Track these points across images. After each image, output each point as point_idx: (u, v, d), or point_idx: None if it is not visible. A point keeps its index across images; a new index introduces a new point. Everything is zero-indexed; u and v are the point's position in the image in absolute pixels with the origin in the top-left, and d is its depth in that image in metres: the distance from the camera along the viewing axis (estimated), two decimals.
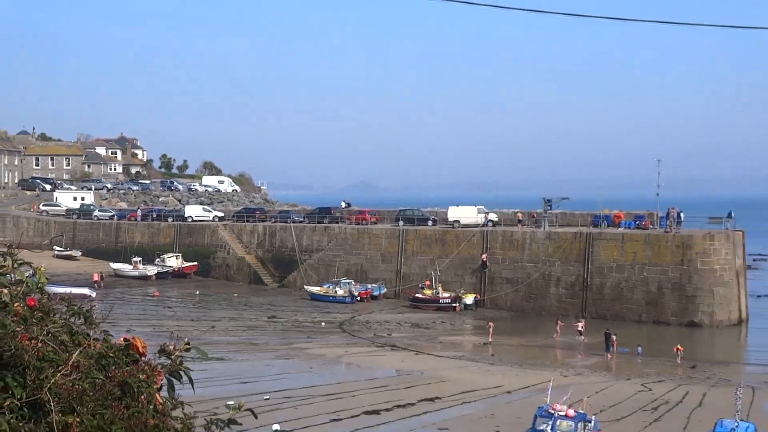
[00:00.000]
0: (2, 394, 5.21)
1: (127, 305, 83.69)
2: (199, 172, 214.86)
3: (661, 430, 46.77)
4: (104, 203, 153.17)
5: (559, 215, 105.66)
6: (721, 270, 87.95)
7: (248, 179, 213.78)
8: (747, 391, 57.09)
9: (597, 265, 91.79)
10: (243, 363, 61.93)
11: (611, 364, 69.58)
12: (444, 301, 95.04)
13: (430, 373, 63.24)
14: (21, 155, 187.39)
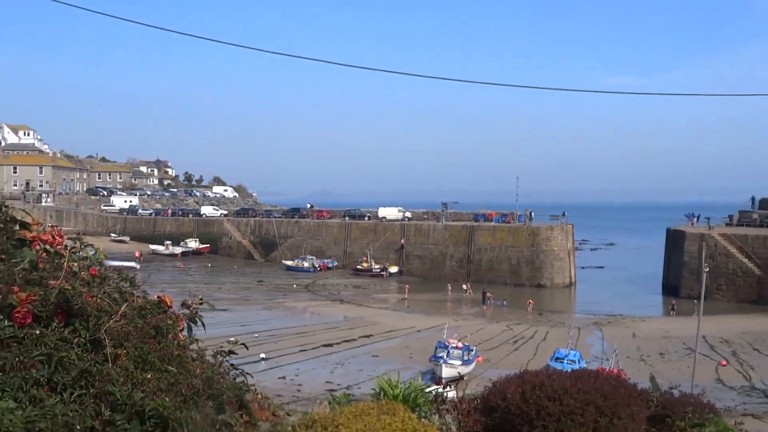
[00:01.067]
0: (73, 334, 5.26)
1: (160, 274, 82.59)
2: (210, 183, 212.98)
3: (519, 356, 47.18)
4: (145, 204, 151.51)
5: (452, 213, 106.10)
6: (558, 250, 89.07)
7: (244, 188, 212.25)
8: (575, 330, 57.98)
9: (476, 246, 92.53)
10: (240, 312, 61.58)
11: (486, 313, 69.98)
12: (375, 271, 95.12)
13: (366, 318, 63.22)
14: (88, 172, 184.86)
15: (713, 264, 68.18)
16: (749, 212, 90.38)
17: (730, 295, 74.06)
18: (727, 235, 78.39)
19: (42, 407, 4.54)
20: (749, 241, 76.08)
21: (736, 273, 75.33)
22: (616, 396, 11.99)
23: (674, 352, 50.23)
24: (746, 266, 74.90)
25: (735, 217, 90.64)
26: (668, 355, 49.33)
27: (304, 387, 38.46)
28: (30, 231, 6.49)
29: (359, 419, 10.82)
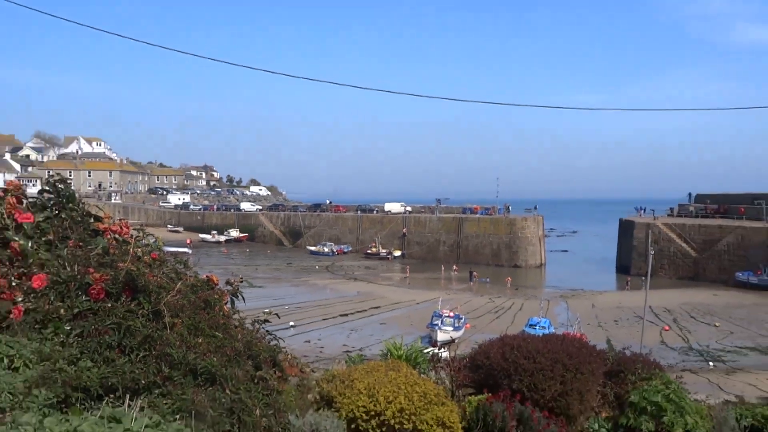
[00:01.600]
0: (138, 307, 5.27)
1: (208, 258, 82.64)
2: (248, 184, 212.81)
3: (499, 323, 47.16)
4: (195, 201, 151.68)
5: (444, 207, 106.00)
6: (530, 237, 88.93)
7: (275, 188, 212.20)
8: (545, 302, 57.95)
9: (464, 234, 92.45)
10: (272, 289, 61.63)
11: (472, 288, 69.96)
12: (382, 254, 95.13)
13: (375, 293, 63.27)
14: (148, 175, 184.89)
15: (657, 248, 68.05)
16: (687, 205, 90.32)
17: (671, 273, 73.95)
18: (668, 224, 78.42)
19: (114, 366, 4.55)
20: (687, 229, 76.14)
21: (677, 255, 75.26)
22: (579, 355, 11.99)
23: (626, 319, 50.18)
24: (684, 249, 74.82)
25: (675, 209, 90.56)
26: (621, 322, 49.29)
27: (325, 349, 38.55)
28: (102, 223, 6.50)
29: (370, 374, 10.84)
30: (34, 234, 5.85)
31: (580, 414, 11.86)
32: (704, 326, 48.70)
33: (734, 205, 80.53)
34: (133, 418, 2.40)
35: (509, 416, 10.97)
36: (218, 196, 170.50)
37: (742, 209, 77.61)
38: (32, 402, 3.87)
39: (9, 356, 4.43)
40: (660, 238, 75.06)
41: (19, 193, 6.21)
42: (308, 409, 10.08)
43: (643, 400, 11.66)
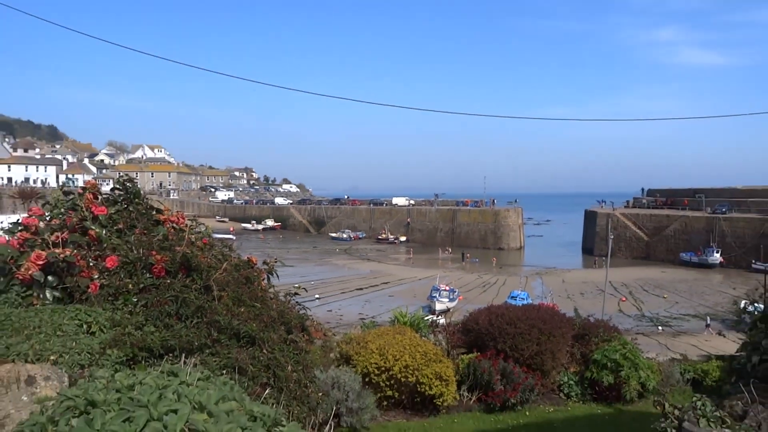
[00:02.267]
0: (192, 283, 5.27)
1: (248, 243, 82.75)
2: (281, 182, 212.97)
3: (486, 295, 46.94)
4: (238, 197, 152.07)
5: (441, 201, 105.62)
6: (512, 224, 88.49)
7: (303, 185, 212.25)
8: (524, 278, 57.78)
9: (458, 223, 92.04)
10: (301, 268, 61.60)
11: (464, 267, 69.81)
12: (391, 240, 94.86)
13: (385, 271, 63.23)
14: (200, 176, 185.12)
15: (616, 233, 67.68)
16: (640, 198, 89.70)
17: (627, 254, 73.51)
18: (625, 214, 77.96)
19: (172, 331, 4.56)
20: (640, 218, 75.75)
21: (632, 239, 74.82)
22: (552, 321, 11.96)
23: (590, 292, 49.92)
24: (638, 234, 74.40)
25: (631, 202, 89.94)
26: (586, 294, 49.04)
27: (344, 317, 38.57)
28: (162, 214, 6.51)
29: (381, 337, 10.85)
30: (108, 223, 5.87)
31: (552, 369, 11.84)
32: (654, 297, 48.42)
33: (679, 198, 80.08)
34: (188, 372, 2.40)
35: (495, 371, 10.97)
36: (257, 192, 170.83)
37: (685, 201, 77.26)
38: (106, 360, 3.88)
39: (87, 322, 4.45)
40: (618, 225, 74.65)
41: (95, 191, 6.23)
42: (330, 366, 10.11)
43: (604, 358, 11.63)
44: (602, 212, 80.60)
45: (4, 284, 5.20)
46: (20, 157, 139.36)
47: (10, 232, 5.78)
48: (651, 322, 39.32)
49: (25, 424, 1.99)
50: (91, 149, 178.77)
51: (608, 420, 10.74)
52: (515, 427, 10.13)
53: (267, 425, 1.87)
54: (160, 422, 1.69)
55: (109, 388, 2.05)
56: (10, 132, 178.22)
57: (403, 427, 9.79)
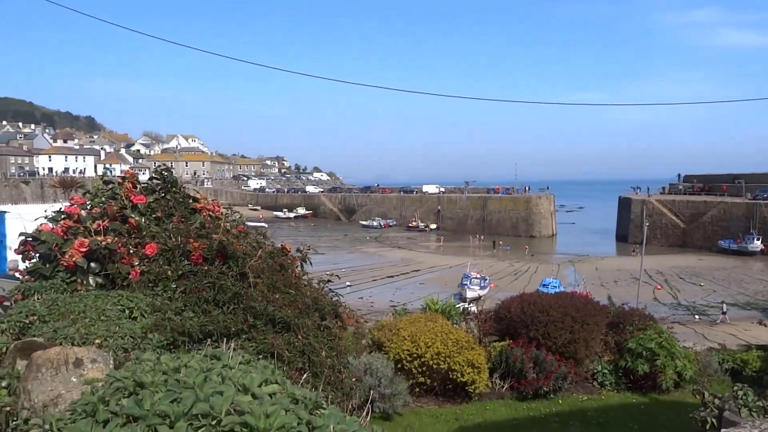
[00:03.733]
0: (228, 269, 5.36)
1: (281, 231, 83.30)
2: (312, 170, 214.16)
3: (518, 283, 46.53)
4: (270, 185, 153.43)
5: (472, 188, 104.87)
6: (544, 212, 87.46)
7: (333, 173, 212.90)
8: (556, 266, 57.14)
9: (488, 210, 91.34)
10: (332, 255, 61.91)
11: (495, 255, 69.33)
12: (421, 227, 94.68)
13: (416, 259, 63.24)
14: (233, 165, 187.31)
15: (651, 220, 66.29)
16: (676, 184, 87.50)
17: (663, 242, 71.97)
18: (661, 200, 76.24)
19: (210, 316, 4.66)
20: (676, 204, 74.04)
21: (667, 226, 73.21)
22: (585, 309, 11.83)
23: (624, 280, 49.09)
24: (674, 221, 72.76)
25: (667, 188, 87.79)
26: (620, 282, 48.25)
27: (375, 304, 38.74)
28: (199, 203, 6.62)
29: (412, 324, 10.89)
30: (146, 212, 6.01)
31: (586, 358, 11.72)
32: (691, 286, 47.37)
33: (717, 184, 77.85)
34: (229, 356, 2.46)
35: (527, 359, 10.91)
36: (288, 181, 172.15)
37: (724, 187, 75.09)
38: (148, 344, 3.99)
39: (129, 308, 4.58)
40: (653, 212, 73.04)
41: (134, 180, 6.38)
42: (363, 352, 10.20)
43: (639, 347, 11.46)
44: (637, 199, 78.95)
45: (50, 270, 5.38)
46: (60, 148, 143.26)
47: (54, 220, 5.96)
48: (687, 310, 38.53)
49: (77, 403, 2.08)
50: (127, 139, 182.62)
51: (643, 409, 10.60)
52: (548, 415, 10.08)
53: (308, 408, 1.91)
54: (206, 403, 1.74)
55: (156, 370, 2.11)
56: (50, 123, 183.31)
57: (436, 414, 9.83)
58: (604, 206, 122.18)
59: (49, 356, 2.83)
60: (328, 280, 7.27)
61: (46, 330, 3.97)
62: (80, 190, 7.31)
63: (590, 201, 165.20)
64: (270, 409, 1.68)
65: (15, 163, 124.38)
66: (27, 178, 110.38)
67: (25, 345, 3.55)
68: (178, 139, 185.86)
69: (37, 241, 5.54)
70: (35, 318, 4.28)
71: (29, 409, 2.73)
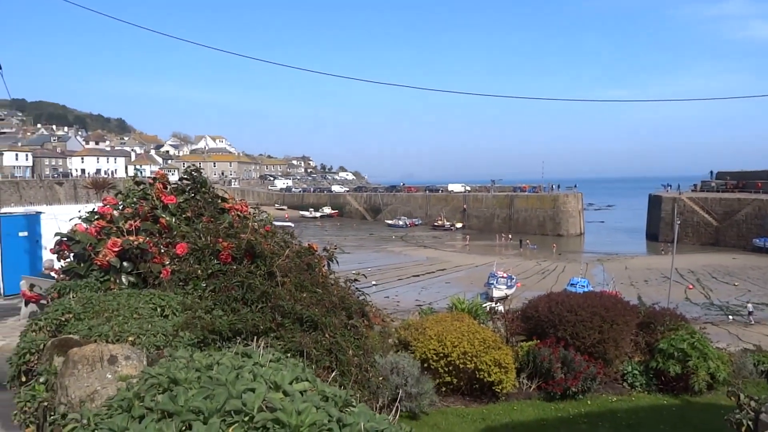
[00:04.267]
0: (256, 269, 5.43)
1: (307, 230, 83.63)
2: (337, 170, 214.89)
3: (545, 282, 46.06)
4: (296, 185, 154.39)
5: (498, 187, 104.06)
6: (572, 210, 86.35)
7: (359, 173, 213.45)
8: (584, 265, 56.42)
9: (515, 209, 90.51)
10: (359, 255, 61.92)
11: (523, 254, 68.70)
12: (447, 226, 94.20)
13: (441, 258, 63.02)
14: (259, 165, 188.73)
15: (682, 218, 64.90)
16: (709, 182, 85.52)
17: (694, 240, 70.47)
18: (692, 198, 74.67)
19: (239, 315, 4.72)
20: (708, 202, 72.41)
21: (699, 224, 71.65)
22: (615, 309, 11.66)
23: (655, 279, 48.20)
24: (706, 219, 71.17)
25: (698, 185, 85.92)
26: (650, 282, 47.38)
27: (401, 303, 38.73)
28: (228, 203, 6.72)
29: (439, 323, 10.87)
30: (177, 212, 6.12)
31: (615, 358, 11.55)
32: (724, 285, 46.26)
33: (752, 181, 75.79)
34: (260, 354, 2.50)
35: (555, 359, 10.80)
36: (314, 181, 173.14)
37: (759, 184, 73.02)
38: (179, 342, 4.07)
39: (161, 306, 4.67)
40: (685, 210, 71.53)
41: (164, 181, 6.50)
42: (389, 351, 10.22)
43: (670, 347, 11.25)
44: (668, 197, 77.41)
45: (85, 269, 5.52)
46: (92, 150, 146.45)
47: (88, 220, 6.11)
48: (720, 310, 37.65)
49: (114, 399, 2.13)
50: (156, 141, 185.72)
51: (675, 411, 10.41)
52: (577, 416, 9.96)
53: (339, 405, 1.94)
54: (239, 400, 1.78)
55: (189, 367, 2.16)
56: (83, 126, 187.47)
57: (462, 413, 9.80)
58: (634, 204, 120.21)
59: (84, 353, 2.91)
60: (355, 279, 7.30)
61: (81, 327, 4.07)
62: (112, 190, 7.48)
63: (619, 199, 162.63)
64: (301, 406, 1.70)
65: (49, 164, 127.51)
66: (61, 179, 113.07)
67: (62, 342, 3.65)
68: (206, 139, 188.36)
69: (71, 240, 5.69)
70: (71, 316, 4.40)
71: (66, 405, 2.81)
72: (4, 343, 9.56)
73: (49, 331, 4.33)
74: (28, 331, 4.38)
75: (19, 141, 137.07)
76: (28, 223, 15.46)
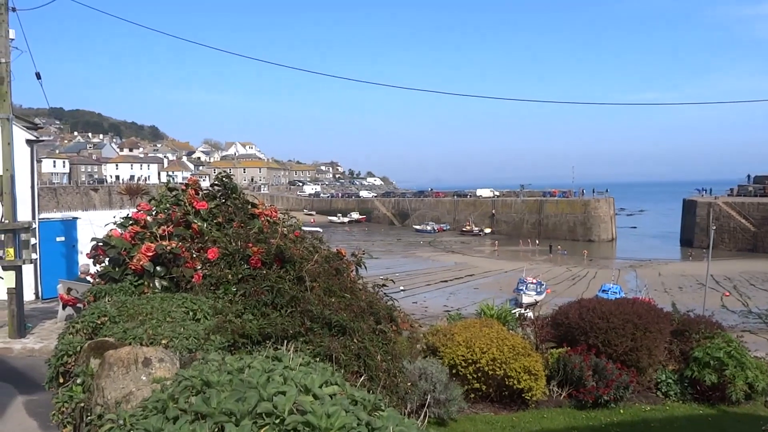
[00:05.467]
0: (286, 273, 5.49)
1: (335, 235, 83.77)
2: (365, 175, 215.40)
3: (576, 288, 45.34)
4: (324, 190, 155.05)
5: (527, 192, 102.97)
6: (603, 215, 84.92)
7: (387, 178, 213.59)
8: (616, 271, 55.43)
9: (545, 214, 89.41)
10: (386, 260, 61.91)
11: (553, 260, 67.78)
12: (475, 231, 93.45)
13: (470, 263, 62.54)
14: (288, 170, 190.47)
15: (718, 224, 63.42)
16: (746, 186, 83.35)
17: (731, 246, 68.63)
18: (728, 203, 72.78)
19: (268, 319, 4.78)
20: (746, 207, 70.46)
21: (736, 230, 69.77)
22: (648, 316, 11.43)
23: (689, 286, 47.06)
24: (744, 225, 69.27)
25: (735, 190, 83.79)
26: (685, 288, 46.27)
27: (429, 308, 38.54)
28: (258, 208, 6.80)
29: (467, 330, 10.80)
30: (208, 217, 6.23)
31: (649, 366, 11.31)
32: (763, 292, 44.87)
33: None
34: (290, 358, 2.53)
35: (586, 366, 10.63)
36: (342, 186, 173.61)
37: None
38: (210, 345, 4.14)
39: (193, 310, 4.76)
40: (720, 215, 69.79)
41: (196, 187, 6.62)
42: (417, 356, 10.19)
43: (706, 356, 10.97)
44: (702, 201, 75.64)
45: (119, 274, 5.66)
46: (126, 156, 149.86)
47: (123, 226, 6.26)
48: (759, 318, 36.55)
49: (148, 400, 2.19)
50: (188, 147, 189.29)
51: (711, 421, 10.14)
52: (609, 425, 9.78)
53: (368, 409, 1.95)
54: (270, 403, 1.81)
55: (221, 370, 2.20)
56: (117, 133, 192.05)
57: (491, 420, 9.71)
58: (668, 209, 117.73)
59: (120, 355, 2.98)
60: (383, 285, 7.33)
61: (116, 330, 4.18)
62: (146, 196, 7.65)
63: (652, 204, 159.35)
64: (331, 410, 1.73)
65: (85, 171, 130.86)
66: (96, 185, 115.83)
67: (98, 344, 3.75)
68: (236, 146, 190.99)
69: (107, 245, 5.84)
70: (106, 319, 4.52)
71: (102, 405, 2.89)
72: (42, 345, 9.84)
73: (86, 334, 4.44)
74: (66, 334, 4.51)
75: (57, 149, 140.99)
76: (65, 229, 15.90)
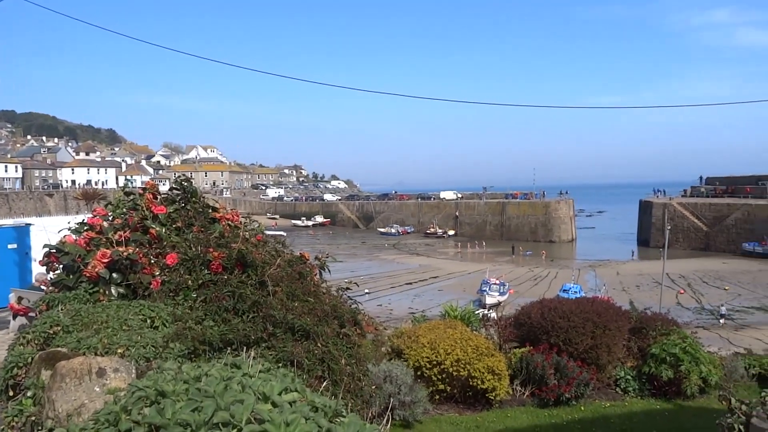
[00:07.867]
0: (247, 278, 5.40)
1: (299, 239, 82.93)
2: (329, 178, 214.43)
3: (538, 288, 46.06)
4: (288, 194, 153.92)
5: (490, 194, 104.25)
6: (563, 216, 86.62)
7: (351, 181, 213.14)
8: (576, 271, 56.56)
9: (507, 215, 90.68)
10: (351, 263, 61.77)
11: (515, 261, 68.74)
12: (439, 234, 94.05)
13: (434, 265, 62.92)
14: (251, 174, 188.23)
15: (673, 224, 65.33)
16: (698, 187, 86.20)
17: (685, 245, 70.88)
18: (682, 203, 75.18)
19: (230, 325, 4.69)
20: (698, 207, 72.88)
21: (690, 229, 72.09)
22: (607, 314, 11.67)
23: (646, 284, 48.41)
24: (697, 224, 71.62)
25: (688, 191, 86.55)
26: (642, 287, 47.57)
27: (394, 311, 38.61)
28: (218, 212, 6.68)
29: (432, 331, 10.84)
30: (167, 222, 6.08)
31: (608, 363, 11.55)
32: (715, 289, 46.54)
33: (741, 186, 76.53)
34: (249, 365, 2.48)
35: (548, 365, 10.79)
36: (306, 189, 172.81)
37: (748, 189, 73.77)
38: (169, 353, 4.02)
39: (151, 317, 4.63)
40: (675, 215, 72.01)
41: (155, 191, 6.46)
42: (382, 359, 10.17)
43: (662, 352, 11.27)
44: (658, 202, 77.93)
45: (74, 281, 5.47)
46: (82, 161, 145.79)
47: (77, 231, 6.06)
48: (711, 315, 37.85)
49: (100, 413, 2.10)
50: (147, 151, 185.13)
51: (668, 416, 10.41)
52: (570, 422, 9.95)
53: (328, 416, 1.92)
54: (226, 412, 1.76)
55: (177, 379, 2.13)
56: (73, 137, 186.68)
57: (456, 421, 9.76)
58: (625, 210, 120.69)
59: (72, 366, 2.87)
60: (347, 288, 7.29)
61: (69, 340, 4.03)
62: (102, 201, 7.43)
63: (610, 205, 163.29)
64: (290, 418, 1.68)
65: (39, 176, 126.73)
66: (51, 190, 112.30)
67: (50, 355, 3.60)
68: (197, 149, 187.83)
69: (60, 252, 5.64)
70: (59, 328, 4.35)
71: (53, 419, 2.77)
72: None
73: (37, 344, 4.27)
74: (16, 345, 4.33)
75: (8, 152, 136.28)
76: (17, 235, 15.32)
